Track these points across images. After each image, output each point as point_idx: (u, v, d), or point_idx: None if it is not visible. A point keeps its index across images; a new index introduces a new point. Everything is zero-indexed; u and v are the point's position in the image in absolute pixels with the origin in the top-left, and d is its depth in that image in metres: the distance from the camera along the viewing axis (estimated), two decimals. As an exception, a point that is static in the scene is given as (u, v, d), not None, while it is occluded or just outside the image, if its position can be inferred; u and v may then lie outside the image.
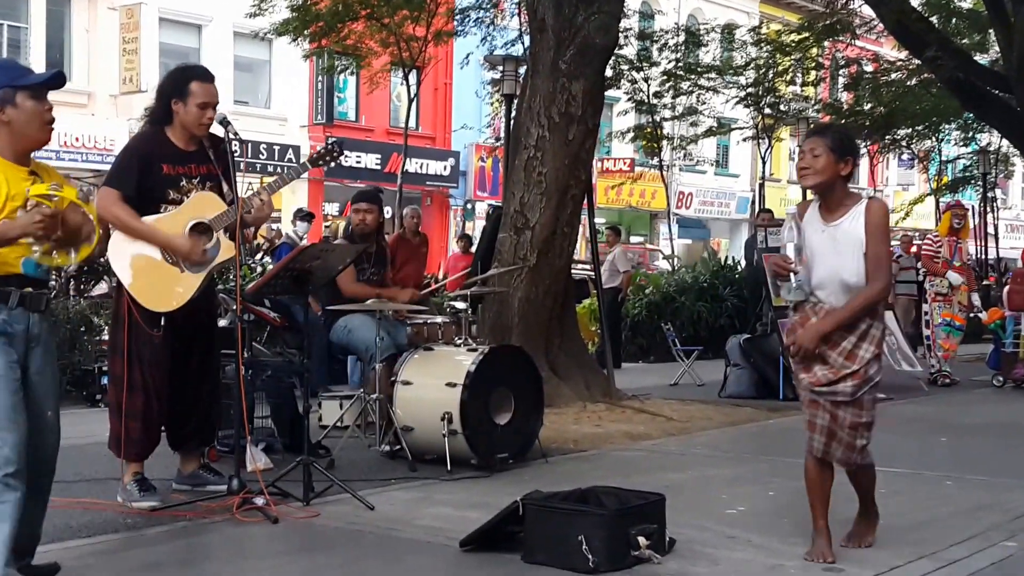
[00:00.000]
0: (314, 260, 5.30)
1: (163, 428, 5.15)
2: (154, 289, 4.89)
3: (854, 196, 4.05)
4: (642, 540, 3.96)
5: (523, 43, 13.19)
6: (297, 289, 5.39)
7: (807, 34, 18.73)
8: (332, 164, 5.47)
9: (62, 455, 3.48)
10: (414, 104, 17.27)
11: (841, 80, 23.55)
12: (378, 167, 24.76)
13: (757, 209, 21.83)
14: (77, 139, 20.23)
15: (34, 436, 3.54)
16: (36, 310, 3.54)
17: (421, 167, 25.60)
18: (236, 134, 5.01)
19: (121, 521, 4.65)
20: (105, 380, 8.32)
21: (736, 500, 5.21)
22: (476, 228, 26.95)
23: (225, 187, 5.04)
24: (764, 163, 21.70)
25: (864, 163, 35.91)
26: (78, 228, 3.47)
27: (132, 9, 21.12)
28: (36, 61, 20.19)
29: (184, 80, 5.02)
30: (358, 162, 24.50)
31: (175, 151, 4.99)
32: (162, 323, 4.88)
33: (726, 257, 17.53)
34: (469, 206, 27.81)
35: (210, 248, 4.95)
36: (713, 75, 19.13)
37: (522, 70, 11.86)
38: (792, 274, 3.98)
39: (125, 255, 4.90)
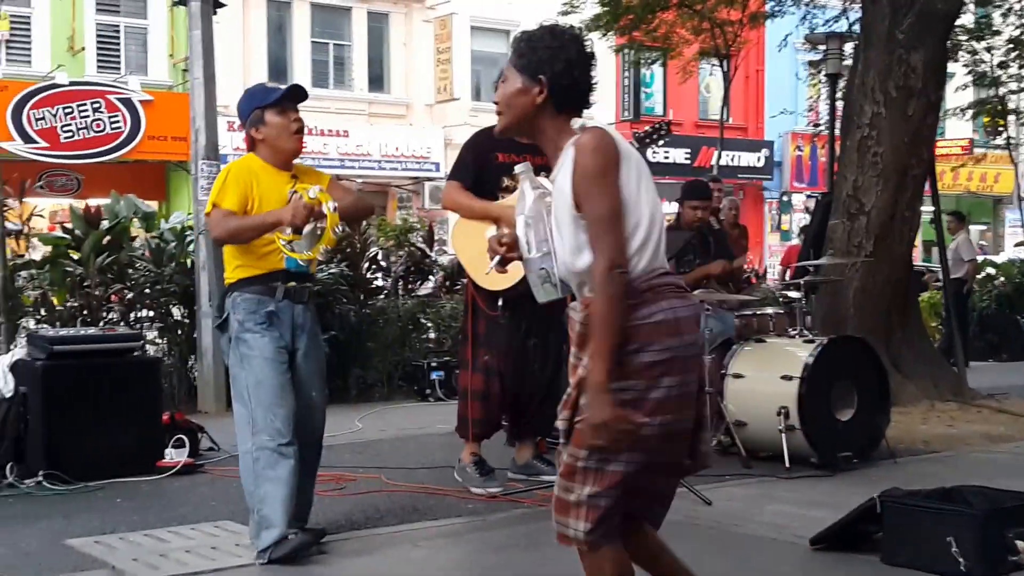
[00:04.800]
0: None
1: (505, 416, 5.26)
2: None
3: (571, 134, 2.48)
4: (1020, 544, 3.59)
5: (847, 19, 12.51)
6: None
7: None
8: (660, 142, 5.55)
9: (402, 444, 3.62)
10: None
11: None
12: (687, 161, 24.45)
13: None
14: (396, 149, 21.23)
15: (302, 415, 3.91)
16: (300, 302, 3.95)
17: (733, 159, 24.99)
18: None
19: (463, 506, 4.77)
20: (434, 376, 8.76)
21: None
22: (793, 221, 26.01)
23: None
24: None
25: None
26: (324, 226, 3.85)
27: (445, 20, 22.08)
28: (359, 76, 21.69)
29: None
30: (666, 157, 24.30)
31: (511, 141, 5.09)
32: (499, 303, 5.00)
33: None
34: (785, 198, 26.84)
35: None
36: (1069, 40, 17.22)
37: (847, 47, 11.23)
38: (497, 261, 2.63)
39: (465, 242, 5.13)
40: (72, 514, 4.68)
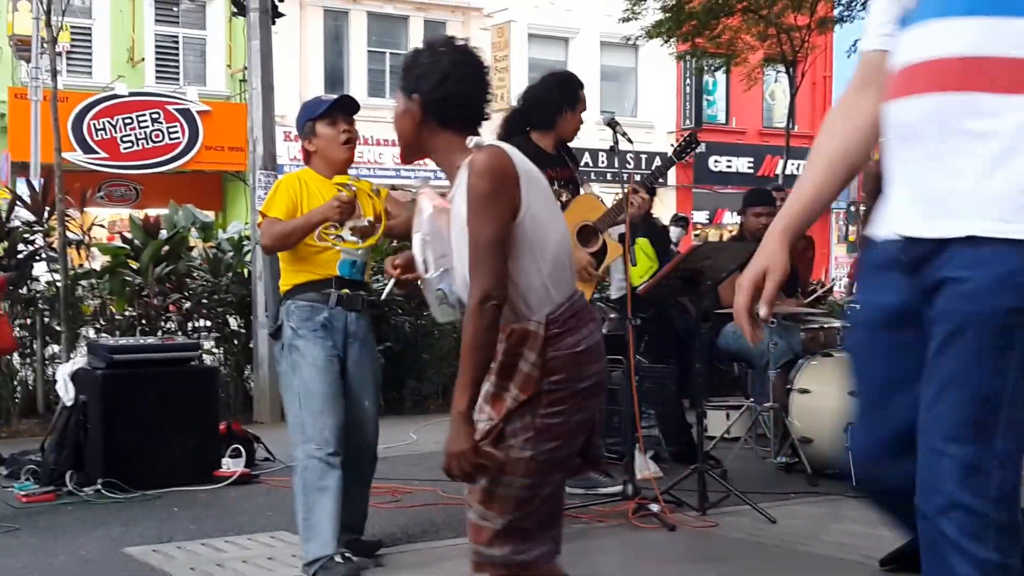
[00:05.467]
0: (705, 260, 5.11)
1: None
2: None
3: (466, 152, 2.39)
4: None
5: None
6: (688, 290, 5.25)
7: None
8: (691, 154, 5.47)
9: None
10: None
11: None
12: (750, 171, 24.21)
13: None
14: (441, 156, 21.41)
15: (354, 424, 3.90)
16: (353, 309, 3.93)
17: (799, 168, 24.56)
18: (624, 134, 5.03)
19: (520, 521, 4.68)
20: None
21: None
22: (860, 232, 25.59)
23: (583, 189, 5.13)
24: None
25: None
26: (373, 216, 3.97)
27: (503, 27, 22.11)
28: (416, 85, 21.80)
29: (575, 90, 5.09)
30: (728, 167, 24.12)
31: (548, 156, 5.04)
32: None
33: None
34: (852, 208, 26.40)
35: (597, 251, 4.96)
36: None
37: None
38: (394, 280, 2.66)
39: None
40: (130, 522, 4.70)
